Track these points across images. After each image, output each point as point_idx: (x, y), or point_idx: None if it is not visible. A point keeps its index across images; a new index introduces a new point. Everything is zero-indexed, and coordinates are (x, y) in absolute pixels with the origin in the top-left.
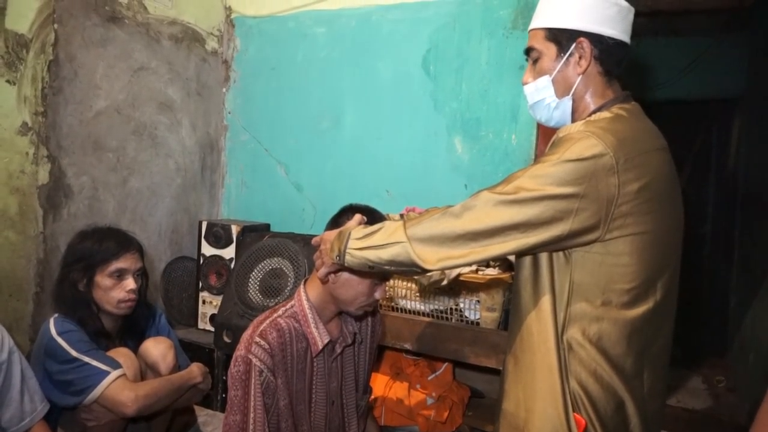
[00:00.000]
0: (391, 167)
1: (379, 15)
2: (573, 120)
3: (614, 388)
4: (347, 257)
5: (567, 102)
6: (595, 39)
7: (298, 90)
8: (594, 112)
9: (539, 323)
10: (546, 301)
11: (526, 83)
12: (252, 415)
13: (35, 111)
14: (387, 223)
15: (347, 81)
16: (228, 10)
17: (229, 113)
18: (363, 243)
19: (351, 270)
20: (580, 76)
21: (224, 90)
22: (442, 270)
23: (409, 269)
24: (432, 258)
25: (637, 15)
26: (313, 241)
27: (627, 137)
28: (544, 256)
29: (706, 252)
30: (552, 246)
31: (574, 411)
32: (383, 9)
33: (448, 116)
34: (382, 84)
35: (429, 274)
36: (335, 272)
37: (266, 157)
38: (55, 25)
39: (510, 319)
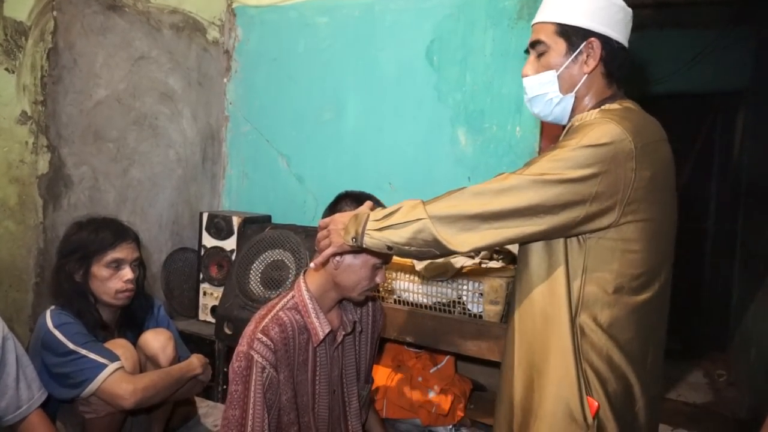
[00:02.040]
0: (393, 159)
1: (382, 5)
2: (571, 117)
3: (623, 371)
4: (366, 239)
5: (569, 99)
6: (604, 41)
7: (300, 81)
8: (597, 104)
9: (553, 308)
10: (560, 286)
11: (526, 75)
12: (251, 411)
13: (35, 100)
14: (405, 202)
15: (349, 72)
16: None
17: (231, 104)
18: (382, 223)
19: (355, 254)
20: (586, 75)
21: (225, 80)
22: (463, 251)
23: (429, 248)
24: (450, 234)
25: (643, 7)
26: (321, 222)
27: (640, 126)
28: (558, 243)
29: (709, 246)
30: (569, 230)
31: (587, 394)
32: None
33: (451, 108)
34: (384, 75)
35: (431, 266)
36: (341, 254)
37: (267, 149)
38: (55, 13)
39: (517, 305)
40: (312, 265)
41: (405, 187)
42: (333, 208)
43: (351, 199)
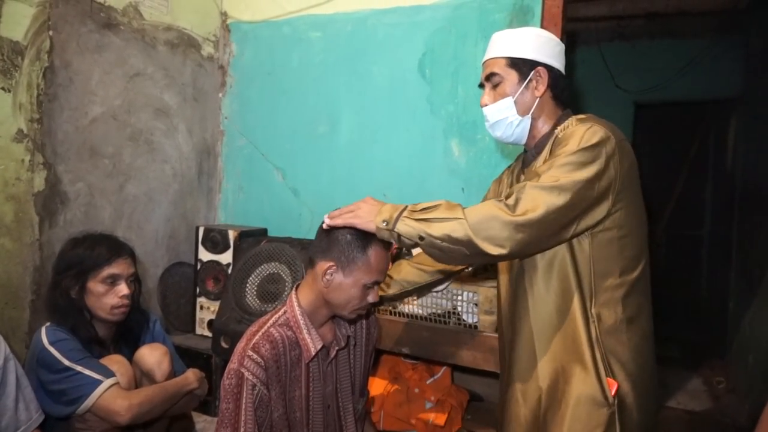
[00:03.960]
0: (387, 171)
1: (374, 19)
2: (531, 136)
3: (639, 348)
4: (400, 224)
5: (527, 120)
6: (549, 68)
7: (294, 95)
8: (558, 121)
9: (566, 302)
10: (570, 282)
11: (485, 105)
12: (242, 429)
13: (31, 118)
14: (443, 201)
15: (343, 85)
16: (224, 15)
17: (226, 118)
18: (420, 215)
19: (345, 273)
20: (538, 99)
21: (220, 95)
22: (494, 254)
23: (460, 247)
24: (483, 238)
25: (633, 17)
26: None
27: (612, 127)
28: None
29: (705, 254)
30: (582, 222)
31: (607, 376)
32: (379, 13)
33: (444, 120)
34: (378, 88)
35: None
36: (334, 270)
37: (263, 162)
38: (51, 32)
39: (530, 305)
40: (326, 219)
41: (399, 199)
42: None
43: None
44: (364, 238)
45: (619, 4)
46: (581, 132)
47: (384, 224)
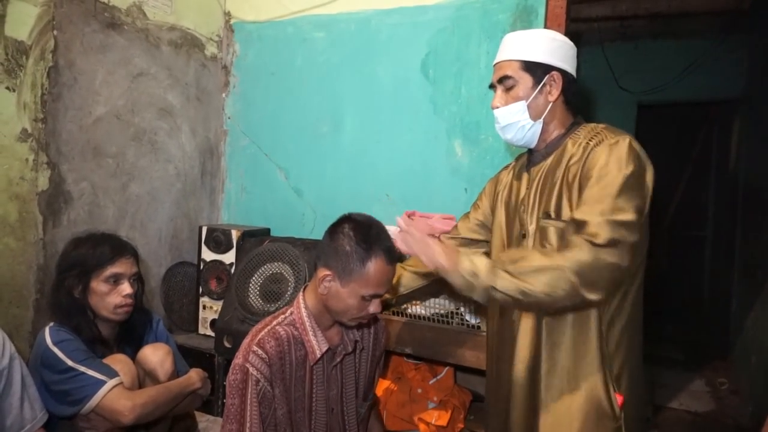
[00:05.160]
0: (390, 171)
1: (378, 19)
2: (540, 139)
3: (635, 357)
4: (500, 280)
5: (539, 125)
6: (562, 74)
7: (298, 95)
8: (571, 127)
9: (581, 315)
10: None
11: (497, 107)
12: (248, 424)
13: (35, 117)
14: (531, 250)
15: (347, 85)
16: (227, 15)
17: (229, 118)
18: (515, 267)
19: (342, 283)
20: (551, 104)
21: (224, 95)
22: (591, 299)
23: (557, 302)
24: (586, 284)
25: (636, 18)
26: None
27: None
28: None
29: (708, 255)
30: None
31: (614, 391)
32: (382, 13)
33: (447, 120)
34: (381, 88)
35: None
36: (331, 278)
37: (266, 162)
38: (55, 32)
39: (545, 316)
40: (400, 222)
41: (402, 199)
42: (333, 230)
43: (350, 222)
44: (366, 251)
45: (621, 4)
46: (623, 149)
47: (471, 276)
